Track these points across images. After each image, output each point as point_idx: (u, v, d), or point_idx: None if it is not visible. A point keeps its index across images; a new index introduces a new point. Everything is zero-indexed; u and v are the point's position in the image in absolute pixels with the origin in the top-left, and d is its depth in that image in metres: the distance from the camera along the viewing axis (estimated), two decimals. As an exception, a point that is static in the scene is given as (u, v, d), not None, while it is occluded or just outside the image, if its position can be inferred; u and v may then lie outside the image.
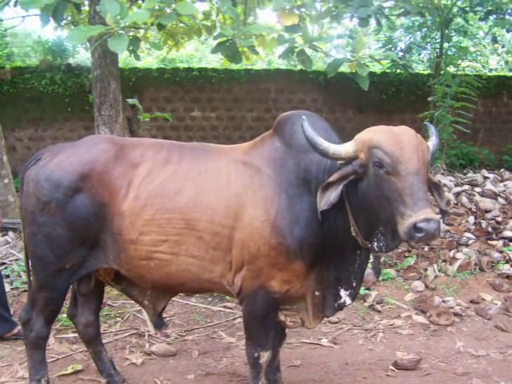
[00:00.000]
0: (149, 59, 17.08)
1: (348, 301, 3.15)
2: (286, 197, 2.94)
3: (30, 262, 3.32)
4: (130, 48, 5.68)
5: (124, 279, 3.40)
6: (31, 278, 3.37)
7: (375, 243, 2.87)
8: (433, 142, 2.99)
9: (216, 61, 17.86)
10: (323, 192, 2.76)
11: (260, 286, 3.02)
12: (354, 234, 2.89)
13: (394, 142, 2.63)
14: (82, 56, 13.72)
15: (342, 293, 3.12)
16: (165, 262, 3.06)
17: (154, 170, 3.09)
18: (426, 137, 2.94)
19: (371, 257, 3.13)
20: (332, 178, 2.75)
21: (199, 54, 20.18)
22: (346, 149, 2.75)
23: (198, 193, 3.01)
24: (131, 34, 4.96)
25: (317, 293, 3.11)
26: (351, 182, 2.76)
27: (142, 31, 6.28)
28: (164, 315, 3.63)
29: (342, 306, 3.18)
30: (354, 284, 3.14)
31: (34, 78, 11.66)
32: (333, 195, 2.73)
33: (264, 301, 3.06)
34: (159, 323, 3.54)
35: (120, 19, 3.89)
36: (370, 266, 3.22)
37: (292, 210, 2.92)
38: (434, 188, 2.91)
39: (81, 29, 4.24)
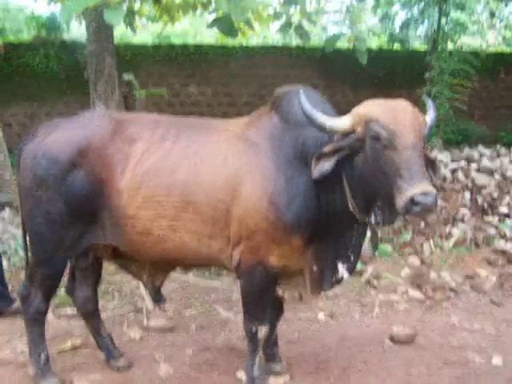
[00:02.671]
0: (144, 35, 16.91)
1: (346, 275, 3.17)
2: (284, 172, 2.94)
3: (27, 237, 3.33)
4: (126, 20, 5.61)
5: (122, 255, 3.40)
6: (29, 253, 3.38)
7: (373, 217, 2.87)
8: (430, 116, 2.98)
9: (211, 36, 17.70)
10: (317, 162, 2.76)
11: (258, 261, 3.03)
12: (351, 208, 2.89)
13: (391, 115, 2.63)
14: (77, 32, 13.56)
15: (340, 267, 3.14)
16: (163, 237, 3.07)
17: (152, 146, 3.07)
18: (423, 112, 2.92)
19: (368, 231, 3.15)
20: (326, 149, 2.76)
21: (194, 29, 19.99)
22: (342, 122, 2.74)
23: (196, 168, 3.01)
24: (125, 7, 4.90)
25: (315, 267, 3.12)
26: (348, 156, 2.76)
27: (137, 4, 6.22)
28: (162, 290, 3.64)
29: (339, 281, 3.21)
30: (352, 258, 3.16)
31: (27, 53, 11.55)
32: (325, 166, 2.74)
33: (262, 275, 3.07)
34: (158, 298, 3.57)
35: (116, -10, 3.84)
36: (367, 240, 3.25)
37: (290, 185, 2.92)
38: (430, 164, 2.89)
39: (76, 0, 4.17)
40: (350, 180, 2.86)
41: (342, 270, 3.15)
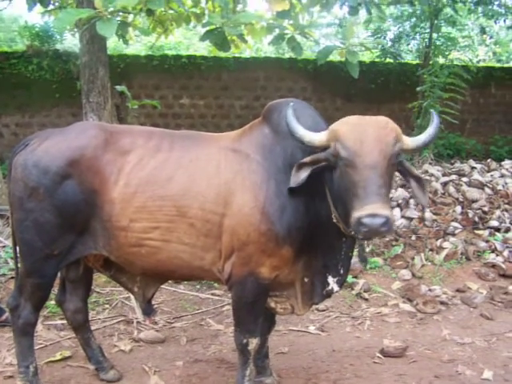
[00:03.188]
0: (137, 46, 16.96)
1: (336, 288, 3.19)
2: (275, 182, 2.96)
3: (17, 248, 3.31)
4: (119, 32, 5.62)
5: (113, 266, 3.40)
6: (19, 264, 3.36)
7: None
8: (428, 132, 2.88)
9: (204, 48, 17.77)
10: (296, 171, 2.82)
11: (249, 272, 3.03)
12: (335, 220, 2.93)
13: (356, 134, 2.65)
14: (70, 42, 13.57)
15: (330, 280, 3.16)
16: (156, 248, 3.07)
17: (145, 158, 3.08)
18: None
19: (356, 244, 3.17)
20: (305, 160, 2.81)
21: (187, 41, 20.06)
22: (319, 137, 2.79)
23: (189, 180, 3.02)
24: (119, 18, 4.91)
25: (306, 279, 3.14)
26: (329, 168, 2.81)
27: (131, 16, 6.23)
28: (152, 302, 3.63)
29: (329, 293, 3.22)
30: (342, 271, 3.18)
31: (20, 63, 11.53)
32: (301, 176, 2.80)
33: (253, 287, 3.07)
34: (148, 310, 3.55)
35: (109, 3, 3.85)
36: (356, 253, 3.26)
37: (280, 196, 2.94)
38: (415, 181, 2.88)
39: (69, 11, 4.18)
40: (331, 192, 2.91)
41: (332, 282, 3.16)
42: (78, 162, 3.03)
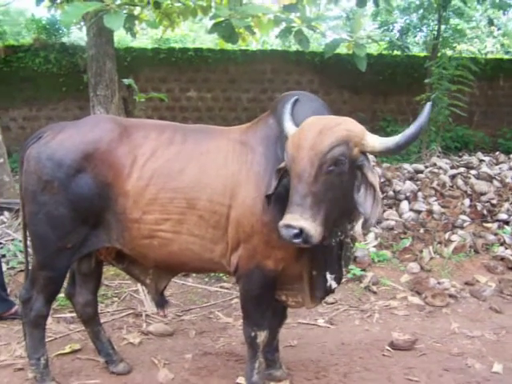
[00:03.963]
0: (143, 39, 16.95)
1: (334, 284, 3.17)
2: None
3: (29, 241, 3.31)
4: (126, 25, 5.61)
5: (126, 258, 3.41)
6: (32, 257, 3.36)
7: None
8: (405, 133, 2.61)
9: (210, 41, 17.75)
10: (275, 177, 2.83)
11: (256, 264, 3.03)
12: None
13: (296, 140, 2.65)
14: (76, 35, 13.58)
15: (328, 276, 3.14)
16: (167, 240, 3.07)
17: (158, 150, 3.08)
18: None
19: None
20: (281, 165, 2.80)
21: (193, 34, 20.04)
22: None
23: (200, 172, 3.03)
24: (125, 11, 4.90)
25: (314, 272, 3.12)
26: None
27: (137, 9, 6.22)
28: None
29: (329, 290, 3.20)
30: (337, 268, 3.16)
31: (27, 56, 11.57)
32: (274, 183, 2.81)
33: (260, 280, 3.07)
34: (161, 302, 3.55)
35: (116, -4, 3.85)
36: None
37: (281, 187, 2.89)
38: (368, 189, 2.67)
39: (76, 5, 4.16)
40: None
41: (330, 279, 3.15)
42: (93, 155, 3.03)
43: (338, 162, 2.56)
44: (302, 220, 2.48)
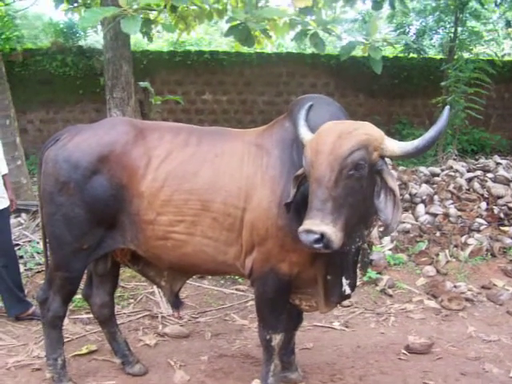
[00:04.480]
0: (159, 42, 17.03)
1: (348, 290, 3.15)
2: (290, 176, 2.91)
3: (47, 242, 3.35)
4: (143, 30, 5.65)
5: (141, 260, 3.43)
6: (49, 258, 3.40)
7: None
8: (424, 137, 2.58)
9: (225, 44, 17.79)
10: (293, 185, 2.81)
11: (270, 268, 3.03)
12: None
13: (315, 144, 2.61)
14: (93, 38, 13.69)
15: (344, 281, 3.12)
16: (181, 242, 3.08)
17: (173, 152, 3.10)
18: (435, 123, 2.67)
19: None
20: (298, 172, 2.79)
21: (209, 37, 20.09)
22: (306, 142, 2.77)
23: (214, 175, 3.03)
24: (142, 15, 4.93)
25: (329, 277, 3.10)
26: None
27: (154, 13, 6.26)
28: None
29: (343, 295, 3.17)
30: (351, 274, 3.13)
31: (45, 60, 11.68)
32: (293, 191, 2.79)
33: (274, 283, 3.07)
34: (176, 303, 3.57)
35: (133, 0, 3.87)
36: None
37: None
38: (388, 194, 2.64)
39: (94, 10, 4.20)
40: None
41: (345, 284, 3.12)
42: (108, 157, 3.06)
43: (357, 167, 2.52)
44: (323, 225, 2.45)
